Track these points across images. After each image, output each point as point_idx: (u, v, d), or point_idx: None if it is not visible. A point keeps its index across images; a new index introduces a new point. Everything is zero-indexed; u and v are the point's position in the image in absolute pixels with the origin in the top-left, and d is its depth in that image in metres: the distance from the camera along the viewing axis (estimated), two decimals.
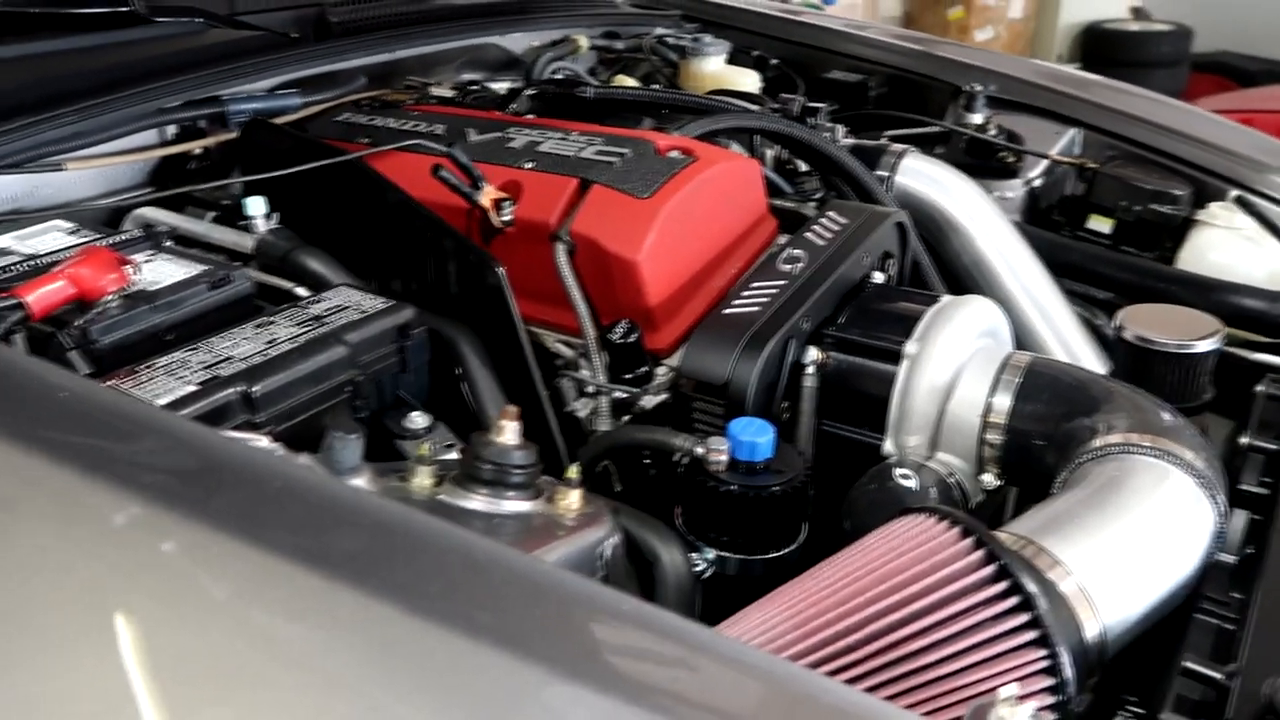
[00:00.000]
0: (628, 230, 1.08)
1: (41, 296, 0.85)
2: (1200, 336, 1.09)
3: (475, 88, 1.59)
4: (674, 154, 1.18)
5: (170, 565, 0.53)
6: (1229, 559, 0.99)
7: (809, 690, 0.54)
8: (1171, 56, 7.10)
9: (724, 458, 0.90)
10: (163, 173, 1.31)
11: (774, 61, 2.00)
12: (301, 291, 1.08)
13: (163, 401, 0.78)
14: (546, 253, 1.11)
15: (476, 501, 0.76)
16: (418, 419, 0.93)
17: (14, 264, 0.96)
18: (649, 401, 1.08)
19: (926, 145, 1.75)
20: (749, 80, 1.86)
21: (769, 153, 1.51)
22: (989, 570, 0.71)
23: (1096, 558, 0.77)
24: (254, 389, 0.82)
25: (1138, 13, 7.44)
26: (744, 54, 2.02)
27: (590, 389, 1.08)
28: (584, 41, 1.86)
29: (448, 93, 1.56)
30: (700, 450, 0.91)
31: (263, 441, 0.71)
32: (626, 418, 1.10)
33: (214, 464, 0.58)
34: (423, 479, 0.78)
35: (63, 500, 0.57)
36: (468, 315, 1.05)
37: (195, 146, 1.30)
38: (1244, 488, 1.07)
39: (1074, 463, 0.92)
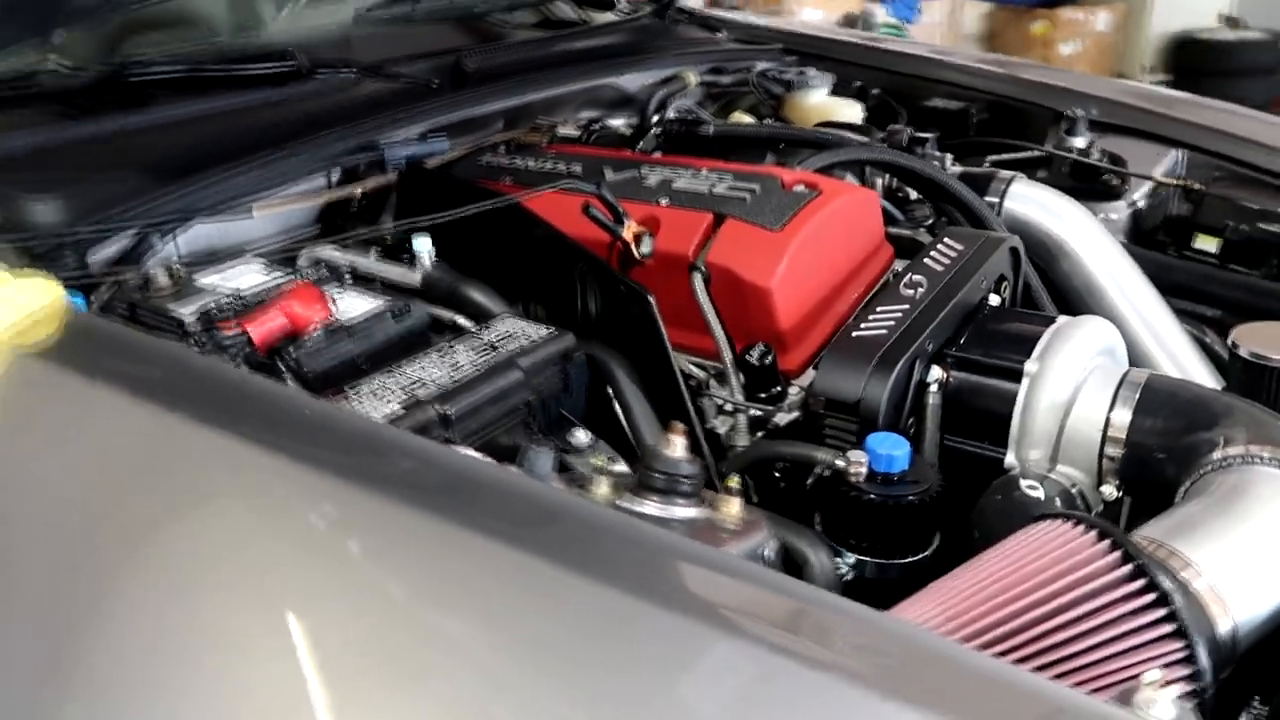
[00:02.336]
0: (761, 260, 1.17)
1: (263, 329, 0.98)
2: None
3: (596, 126, 1.71)
4: (799, 188, 1.27)
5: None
6: None
7: (987, 668, 0.62)
8: (1266, 65, 6.94)
9: (863, 469, 0.98)
10: (330, 213, 1.45)
11: (875, 92, 2.08)
12: (462, 321, 1.20)
13: (375, 418, 0.90)
14: (682, 282, 1.21)
15: (650, 507, 0.86)
16: (581, 435, 1.03)
17: (225, 300, 1.09)
18: (782, 419, 1.17)
19: (1029, 170, 1.81)
20: (852, 111, 1.94)
21: (879, 181, 1.59)
22: (1126, 569, 0.78)
23: (1225, 559, 0.83)
24: (449, 410, 0.93)
25: (1231, 21, 7.29)
26: (845, 85, 2.10)
27: (729, 407, 1.17)
28: (693, 78, 1.96)
29: (573, 132, 1.68)
30: (841, 463, 0.99)
31: (470, 452, 0.81)
32: (760, 434, 1.18)
33: (465, 479, 0.69)
34: (602, 488, 0.87)
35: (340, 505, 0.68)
36: (617, 341, 1.15)
37: (359, 189, 1.43)
38: None
39: (1197, 473, 0.98)
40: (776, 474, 1.13)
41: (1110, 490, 1.11)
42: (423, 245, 1.24)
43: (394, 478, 0.71)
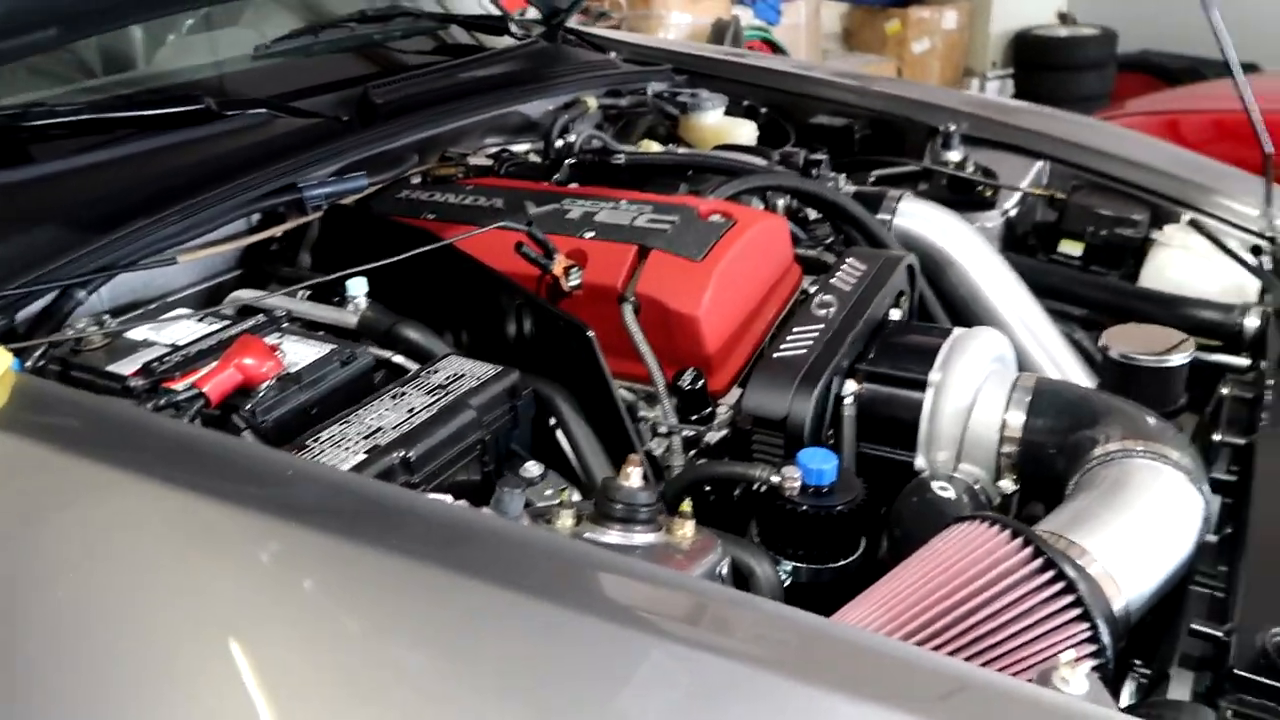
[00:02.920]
0: (687, 290, 1.25)
1: (216, 385, 1.00)
2: (1174, 351, 1.28)
3: (506, 155, 1.76)
4: (715, 217, 1.36)
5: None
6: (1212, 538, 1.18)
7: (918, 660, 0.72)
8: (1098, 59, 7.46)
9: (797, 484, 1.08)
10: (250, 256, 1.45)
11: (764, 110, 2.19)
12: (399, 360, 1.24)
13: (343, 470, 0.93)
14: (611, 311, 1.28)
15: (612, 535, 0.92)
16: (532, 468, 1.09)
17: (165, 355, 1.10)
18: (713, 438, 1.25)
19: (910, 183, 1.95)
20: (746, 131, 2.04)
21: (780, 203, 1.69)
22: (1038, 563, 0.89)
23: (1114, 545, 0.96)
24: (410, 453, 0.98)
25: (1064, 18, 7.80)
26: (735, 104, 2.20)
27: (663, 430, 1.24)
28: (592, 102, 2.03)
29: (484, 162, 1.72)
30: (776, 478, 1.08)
31: (448, 499, 0.87)
32: (693, 453, 1.26)
33: (463, 533, 0.74)
34: (565, 520, 0.94)
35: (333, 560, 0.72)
36: (556, 373, 1.21)
37: (279, 231, 1.44)
38: (1217, 476, 1.26)
39: (1083, 468, 1.11)
40: (707, 489, 1.21)
41: (1008, 484, 1.23)
42: (358, 287, 1.27)
43: (339, 514, 0.76)
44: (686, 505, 0.96)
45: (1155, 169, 1.81)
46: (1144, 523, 0.99)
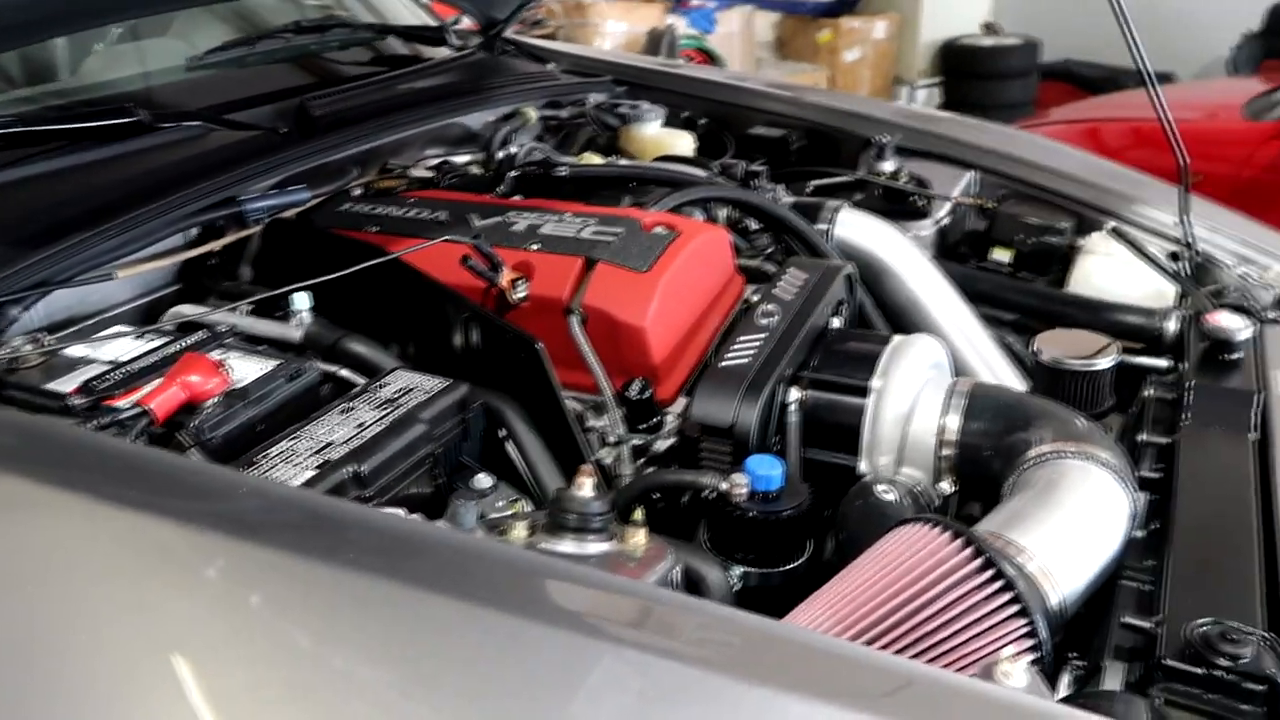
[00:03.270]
0: (633, 301, 1.27)
1: (163, 403, 0.99)
2: (1100, 355, 1.34)
3: (447, 167, 1.76)
4: (659, 229, 1.38)
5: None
6: (1140, 534, 1.23)
7: (864, 658, 0.74)
8: (1021, 68, 7.69)
9: (745, 490, 1.10)
10: (189, 270, 1.43)
11: (702, 121, 2.22)
12: (346, 374, 1.23)
13: (294, 485, 0.93)
14: (558, 323, 1.29)
15: (566, 545, 0.93)
16: (484, 480, 1.10)
17: (106, 373, 1.09)
18: (661, 446, 1.27)
19: (846, 193, 2.00)
20: (685, 142, 2.07)
21: (721, 213, 1.72)
22: (978, 562, 0.92)
23: (1049, 542, 1.00)
24: (362, 468, 0.98)
25: (989, 28, 8.03)
26: (674, 115, 2.23)
27: (612, 439, 1.26)
28: (532, 114, 2.04)
29: (425, 174, 1.72)
30: (725, 485, 1.10)
31: (401, 513, 0.87)
32: (642, 461, 1.28)
33: (416, 546, 0.75)
34: (519, 530, 0.94)
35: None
36: (505, 385, 1.21)
37: (219, 245, 1.42)
38: (1144, 474, 1.32)
39: (1017, 470, 1.15)
40: (655, 496, 1.23)
41: (946, 486, 1.27)
42: (303, 301, 1.26)
43: (288, 529, 0.76)
44: (639, 514, 0.98)
45: (1078, 179, 1.88)
46: (1076, 521, 1.04)
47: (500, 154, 1.75)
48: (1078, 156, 2.07)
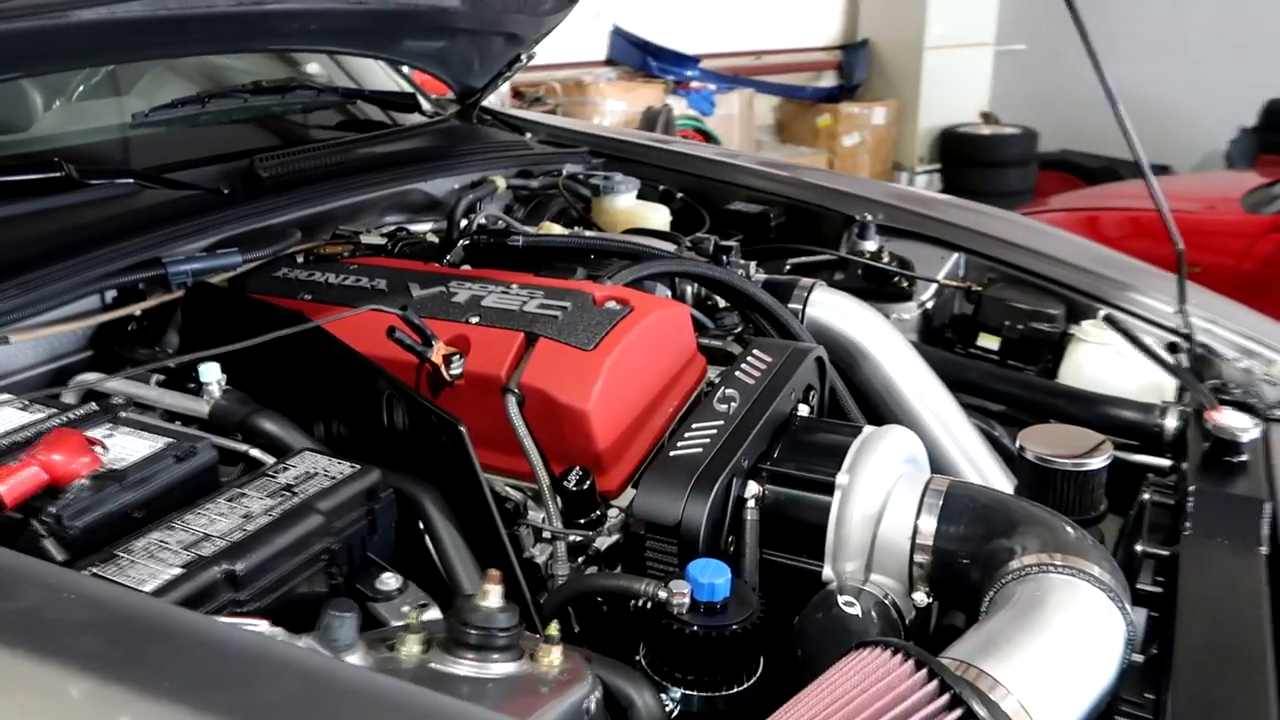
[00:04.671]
0: (575, 381, 1.16)
1: (14, 485, 0.87)
2: (1092, 454, 1.21)
3: (403, 234, 1.66)
4: (611, 304, 1.27)
5: None
6: (1137, 658, 1.10)
7: None
8: (1020, 157, 7.73)
9: (685, 600, 0.97)
10: (104, 337, 1.32)
11: (679, 195, 2.14)
12: (256, 453, 1.11)
13: (149, 587, 0.80)
14: (495, 402, 1.17)
15: (465, 667, 0.80)
16: (390, 580, 0.97)
17: None
18: (603, 543, 1.14)
19: (825, 273, 1.90)
20: (659, 216, 1.98)
21: (689, 290, 1.62)
22: (944, 700, 0.79)
23: (1030, 674, 0.86)
24: (237, 567, 0.85)
25: (987, 117, 8.09)
26: (651, 188, 2.15)
27: (546, 534, 1.13)
28: (501, 182, 1.96)
29: (378, 240, 1.63)
30: (663, 594, 0.97)
31: (262, 626, 0.74)
32: (581, 559, 1.15)
33: (249, 669, 0.62)
34: (411, 647, 0.81)
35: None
36: (428, 470, 1.09)
37: (137, 309, 1.32)
38: (1142, 587, 1.19)
39: (998, 583, 1.01)
40: (600, 599, 1.10)
41: (921, 597, 1.14)
42: (210, 373, 1.15)
43: (104, 647, 0.63)
44: (554, 628, 0.84)
45: (1070, 264, 1.78)
46: (1062, 648, 0.90)
47: (463, 223, 1.66)
48: (1070, 241, 1.98)
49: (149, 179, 1.49)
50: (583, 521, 1.13)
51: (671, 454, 1.15)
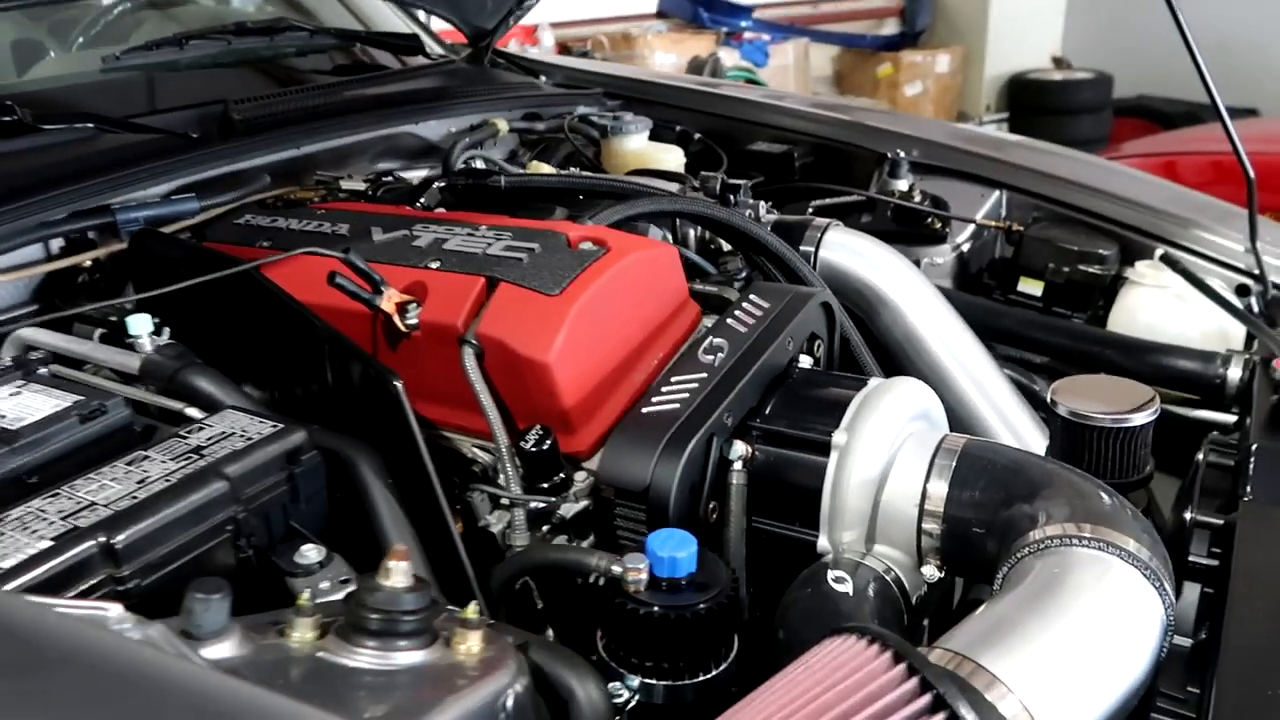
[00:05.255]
0: (537, 330, 1.03)
1: None
2: (1136, 408, 1.05)
3: (389, 179, 1.55)
4: (586, 245, 1.14)
5: None
6: (1184, 643, 0.94)
7: None
8: (1094, 103, 7.31)
9: (643, 576, 0.84)
10: (50, 288, 1.24)
11: (697, 136, 1.99)
12: (193, 412, 1.01)
13: (8, 564, 0.71)
14: (457, 356, 1.06)
15: (364, 657, 0.69)
16: (310, 553, 0.86)
17: None
18: (569, 510, 1.02)
19: (853, 215, 1.74)
20: (672, 157, 1.83)
21: (691, 234, 1.48)
22: (924, 701, 0.65)
23: (1039, 669, 0.72)
24: (116, 539, 0.75)
25: (1059, 62, 7.68)
26: (667, 129, 2.00)
27: (505, 501, 1.01)
28: (503, 125, 1.83)
29: (359, 185, 1.51)
30: (617, 569, 0.85)
31: (114, 610, 0.63)
32: (546, 528, 1.03)
33: (25, 655, 0.51)
34: (304, 632, 0.70)
35: None
36: (370, 431, 0.98)
37: (84, 259, 1.23)
38: (1195, 560, 1.03)
39: (1013, 557, 0.87)
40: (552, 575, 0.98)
41: (931, 571, 1.00)
42: (140, 325, 1.05)
43: None
44: (471, 610, 0.73)
45: (1125, 199, 1.59)
46: (1082, 637, 0.76)
47: (460, 167, 1.54)
48: (1130, 175, 1.78)
49: (111, 123, 1.40)
50: (545, 486, 1.01)
51: (644, 410, 1.02)
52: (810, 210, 1.72)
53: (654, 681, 0.85)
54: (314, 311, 1.09)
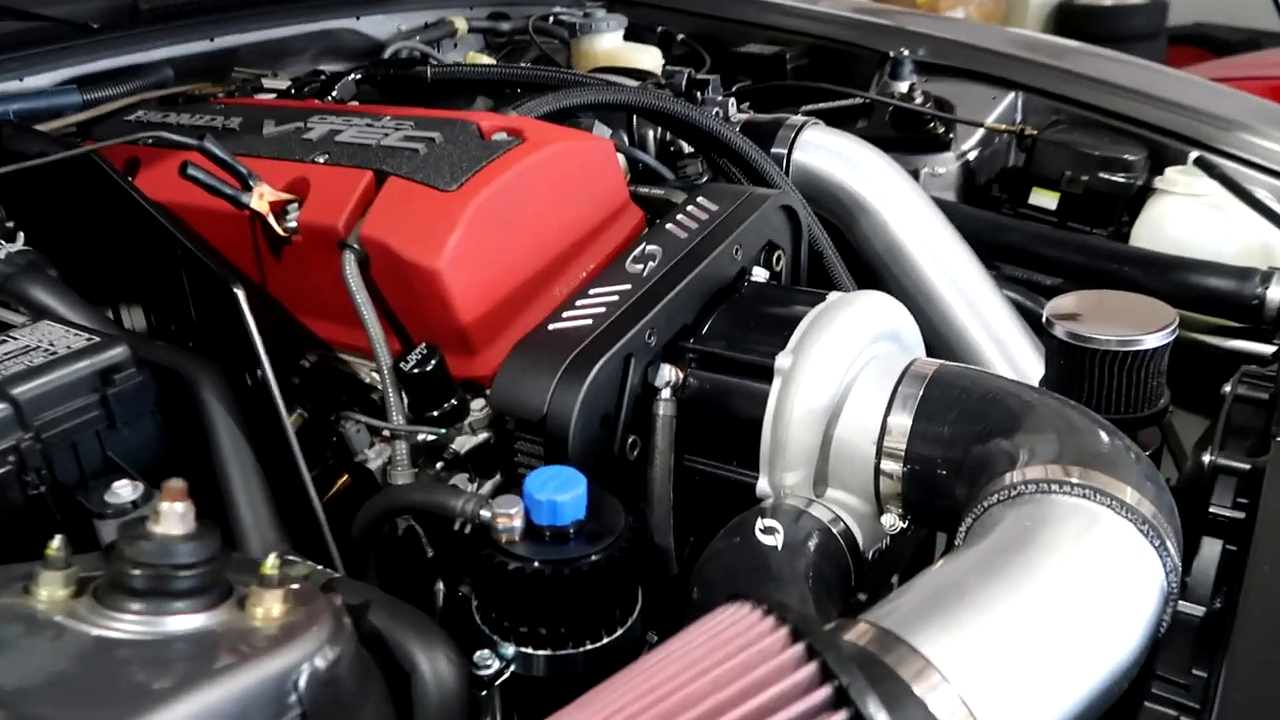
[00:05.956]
0: (426, 232, 0.87)
1: None
2: (1148, 329, 0.87)
3: (323, 76, 1.38)
4: (500, 136, 0.97)
5: None
6: (1194, 611, 0.77)
7: None
8: (1147, 29, 6.88)
9: (515, 523, 0.69)
10: None
11: (680, 38, 1.79)
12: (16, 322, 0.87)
13: None
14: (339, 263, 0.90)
15: (125, 623, 0.54)
16: (123, 490, 0.71)
17: None
18: (464, 444, 0.87)
19: (848, 120, 1.55)
20: (648, 58, 1.65)
21: (651, 134, 1.30)
22: (824, 694, 0.49)
23: (990, 652, 0.55)
24: None
25: None
26: (648, 31, 1.81)
27: (387, 432, 0.86)
28: (461, 24, 1.65)
29: (282, 84, 1.35)
30: (486, 514, 0.69)
31: None
32: (440, 465, 0.88)
33: None
34: (53, 590, 0.56)
35: None
36: (221, 348, 0.83)
37: None
38: (1217, 511, 0.86)
39: (980, 505, 0.70)
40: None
41: (892, 520, 0.84)
42: None
43: None
44: (270, 565, 0.58)
45: (1159, 97, 1.38)
46: (1051, 608, 0.59)
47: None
48: (1165, 73, 1.56)
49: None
50: (436, 414, 0.86)
51: (551, 327, 0.86)
52: (802, 114, 1.53)
53: (534, 652, 0.70)
54: (190, 215, 0.94)
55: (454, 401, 0.86)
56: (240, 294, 0.77)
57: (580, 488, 0.70)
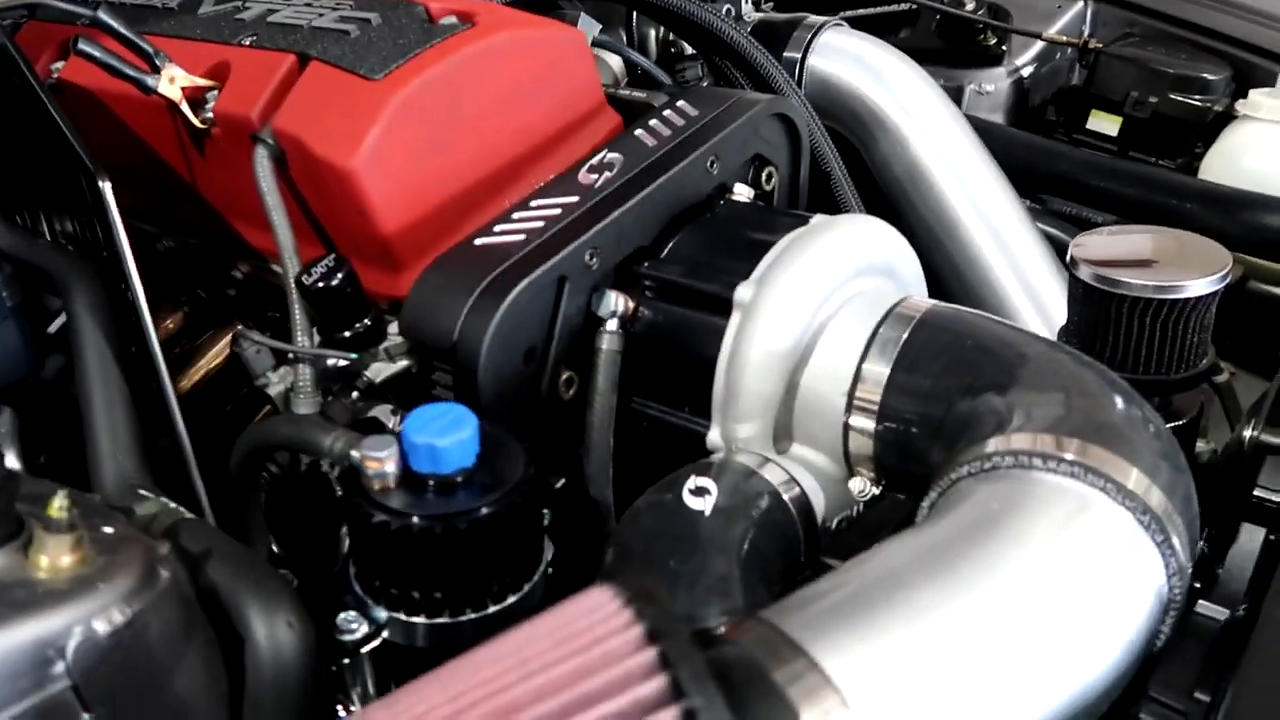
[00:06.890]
0: (343, 125, 0.76)
1: None
2: (1192, 275, 0.72)
3: None
4: (449, 20, 0.85)
5: None
6: (1217, 615, 0.65)
7: None
8: None
9: (388, 469, 0.58)
10: None
11: None
12: None
13: None
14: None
15: None
16: None
17: None
18: (379, 371, 0.77)
19: (892, 31, 1.38)
20: None
21: (652, 34, 1.16)
22: (671, 714, 0.38)
23: (910, 669, 0.44)
24: None
25: None
26: None
27: (291, 355, 0.76)
28: None
29: None
30: (356, 455, 0.59)
31: None
32: (355, 394, 0.78)
33: None
34: None
35: None
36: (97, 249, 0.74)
37: None
38: (1263, 495, 0.72)
39: (948, 476, 0.58)
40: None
41: (862, 485, 0.72)
42: None
43: None
44: (56, 505, 0.48)
45: (1247, 5, 1.19)
46: (1006, 617, 0.47)
47: None
48: None
49: None
50: (348, 336, 0.75)
51: (477, 242, 0.75)
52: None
53: (410, 620, 0.60)
54: (113, 103, 0.85)
55: (367, 322, 0.75)
56: (105, 185, 0.67)
57: (467, 431, 0.59)
